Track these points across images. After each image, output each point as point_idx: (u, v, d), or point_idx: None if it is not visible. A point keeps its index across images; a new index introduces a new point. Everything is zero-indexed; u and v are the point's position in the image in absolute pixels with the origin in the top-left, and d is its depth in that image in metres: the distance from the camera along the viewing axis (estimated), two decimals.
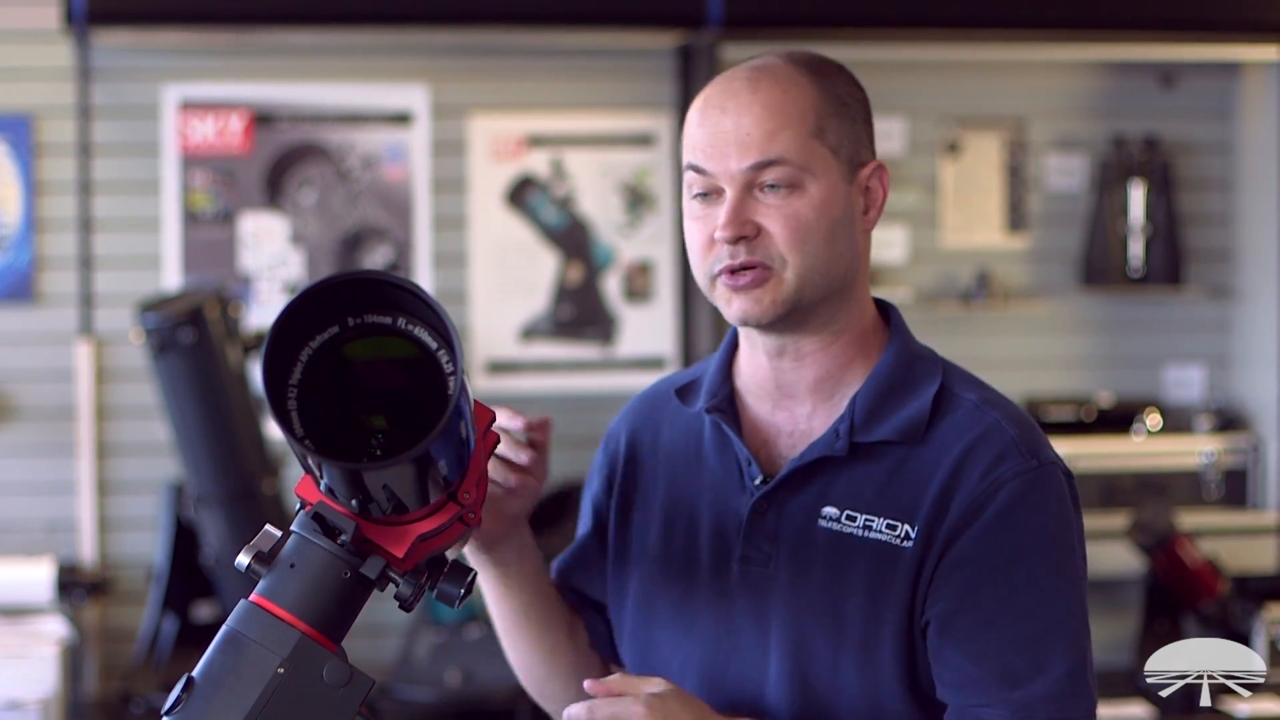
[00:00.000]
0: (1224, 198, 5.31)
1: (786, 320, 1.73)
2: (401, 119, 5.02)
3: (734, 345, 1.85)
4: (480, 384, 4.97)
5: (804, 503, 1.75)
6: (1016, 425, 1.72)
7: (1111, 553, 4.79)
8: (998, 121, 5.26)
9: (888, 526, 1.71)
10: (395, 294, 1.45)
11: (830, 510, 1.74)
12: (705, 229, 1.72)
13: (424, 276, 5.03)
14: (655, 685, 1.66)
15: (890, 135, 5.15)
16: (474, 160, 5.04)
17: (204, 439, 4.23)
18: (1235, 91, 5.28)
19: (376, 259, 5.03)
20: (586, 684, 1.68)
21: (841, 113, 1.74)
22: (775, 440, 1.79)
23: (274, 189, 4.98)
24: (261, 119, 4.96)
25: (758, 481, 1.77)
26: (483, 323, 5.04)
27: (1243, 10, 5.01)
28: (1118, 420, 5.16)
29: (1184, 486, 5.09)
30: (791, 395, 1.79)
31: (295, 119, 4.98)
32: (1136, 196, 5.19)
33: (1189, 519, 4.74)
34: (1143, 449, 5.13)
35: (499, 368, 5.06)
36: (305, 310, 1.45)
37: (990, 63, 5.20)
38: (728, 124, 1.71)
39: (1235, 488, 5.13)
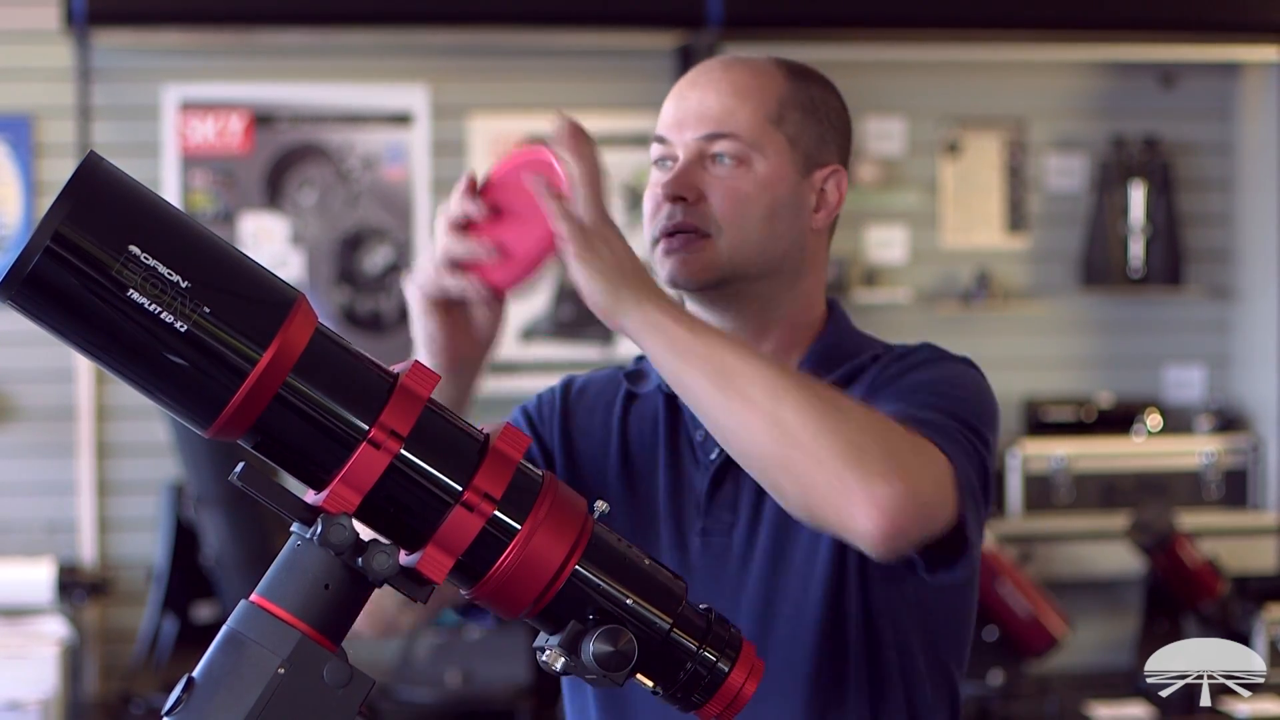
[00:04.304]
0: (1224, 198, 5.31)
1: (719, 290, 1.79)
2: (401, 119, 5.02)
3: None
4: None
5: None
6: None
7: (1111, 553, 4.79)
8: (998, 121, 5.26)
9: None
10: None
11: None
12: (657, 194, 1.79)
13: None
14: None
15: (890, 135, 5.15)
16: (474, 160, 5.04)
17: (204, 439, 4.22)
18: (1235, 91, 5.28)
19: (377, 259, 5.03)
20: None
21: (809, 110, 1.78)
22: None
23: (274, 189, 4.98)
24: (261, 119, 4.97)
25: (714, 456, 1.80)
26: None
27: (1243, 10, 5.01)
28: (1118, 420, 5.16)
29: (1184, 487, 5.09)
30: None
31: (295, 119, 4.98)
32: (1136, 197, 5.19)
33: (1189, 519, 4.74)
34: (1143, 449, 5.13)
35: (499, 368, 5.04)
36: None
37: (990, 63, 5.20)
38: (693, 98, 1.78)
39: (1235, 488, 5.13)
